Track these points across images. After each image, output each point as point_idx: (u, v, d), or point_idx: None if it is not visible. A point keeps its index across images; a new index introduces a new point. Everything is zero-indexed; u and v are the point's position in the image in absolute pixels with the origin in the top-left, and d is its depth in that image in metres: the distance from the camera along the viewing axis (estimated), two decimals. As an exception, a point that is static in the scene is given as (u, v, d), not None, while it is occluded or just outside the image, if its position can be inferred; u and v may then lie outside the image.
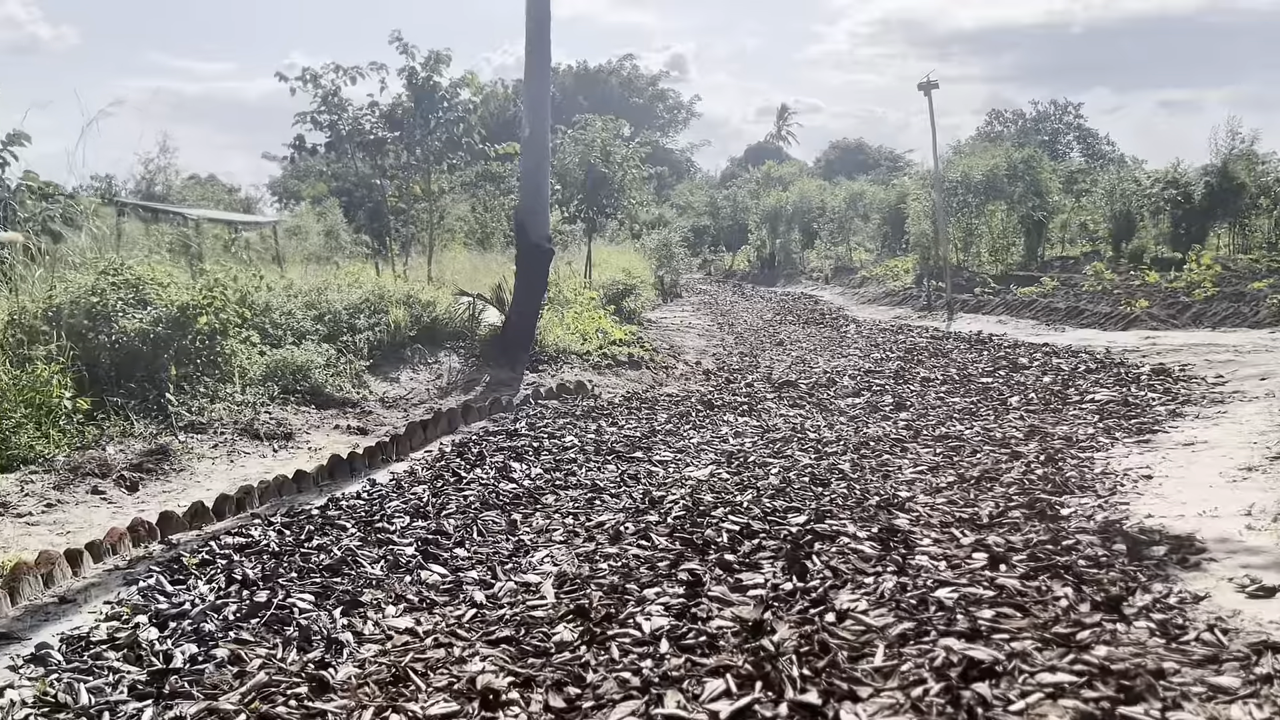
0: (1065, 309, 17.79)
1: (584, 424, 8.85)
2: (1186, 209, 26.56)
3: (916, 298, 22.96)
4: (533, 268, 11.06)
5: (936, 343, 15.50)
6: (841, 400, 10.30)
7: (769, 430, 8.60)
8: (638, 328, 16.79)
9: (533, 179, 11.16)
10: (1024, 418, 8.68)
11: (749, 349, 15.53)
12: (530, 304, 11.08)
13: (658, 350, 13.50)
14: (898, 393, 10.63)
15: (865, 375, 12.13)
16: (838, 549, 4.93)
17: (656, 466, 7.29)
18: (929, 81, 19.92)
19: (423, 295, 11.13)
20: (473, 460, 7.42)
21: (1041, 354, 13.27)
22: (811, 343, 16.33)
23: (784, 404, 10.12)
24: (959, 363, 12.97)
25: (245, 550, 5.28)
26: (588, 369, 11.46)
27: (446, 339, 11.03)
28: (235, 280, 9.67)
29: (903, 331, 17.64)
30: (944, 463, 6.94)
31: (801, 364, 13.52)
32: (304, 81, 16.01)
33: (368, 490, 6.62)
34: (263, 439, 7.86)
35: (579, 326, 12.60)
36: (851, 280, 30.77)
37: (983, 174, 25.09)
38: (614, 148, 18.09)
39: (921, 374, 12.07)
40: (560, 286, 14.72)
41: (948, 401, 9.94)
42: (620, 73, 69.86)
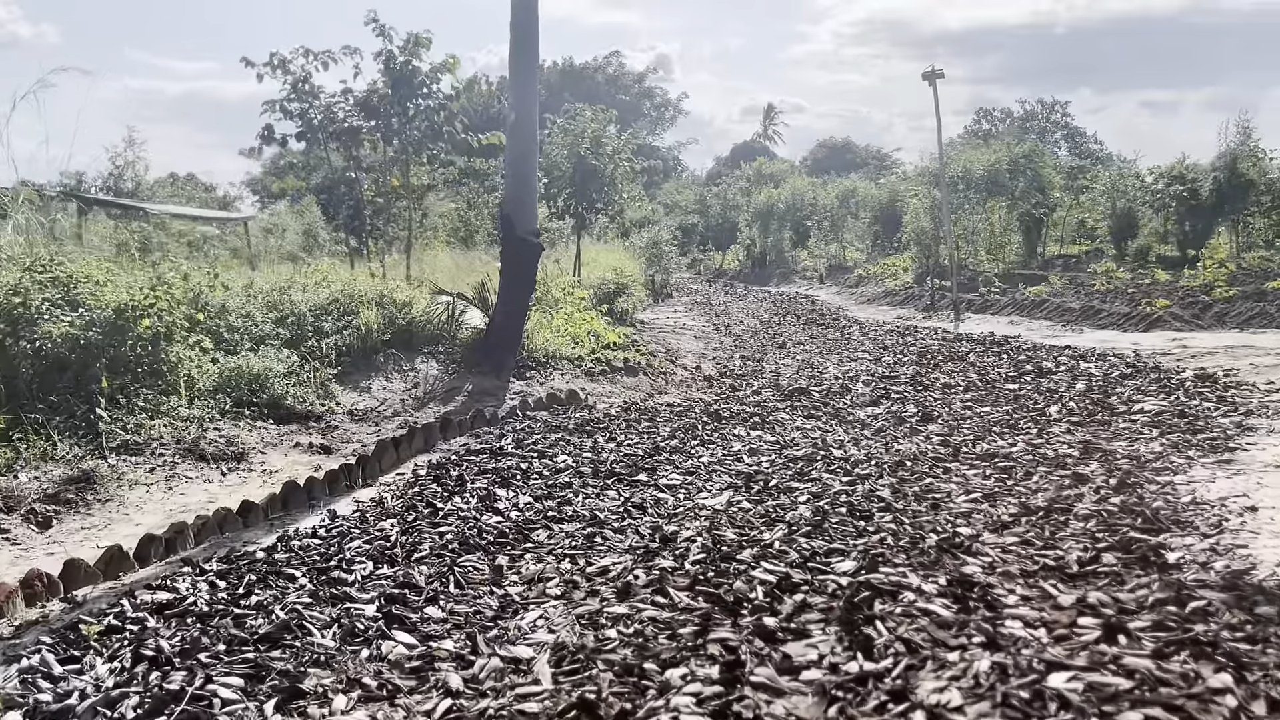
0: (1080, 309, 16.92)
1: (578, 440, 7.86)
2: (1193, 206, 25.77)
3: (918, 297, 22.08)
4: (519, 264, 10.06)
5: (949, 345, 14.58)
6: (860, 410, 9.35)
7: (787, 446, 7.63)
8: (631, 330, 15.81)
9: (519, 168, 10.16)
10: (1071, 431, 7.75)
11: (750, 352, 14.57)
12: (516, 304, 10.08)
13: (654, 354, 12.52)
14: (920, 401, 9.70)
15: (880, 381, 11.19)
16: (903, 610, 3.96)
17: (664, 492, 6.30)
18: (934, 71, 19.03)
19: (397, 295, 10.10)
20: (451, 486, 6.41)
21: (1066, 357, 12.36)
22: (815, 345, 15.39)
23: (798, 415, 9.16)
24: (979, 367, 12.05)
25: (166, 611, 4.26)
26: (580, 375, 10.47)
27: (424, 343, 10.01)
28: (186, 279, 8.61)
29: (910, 333, 16.73)
30: (998, 488, 5.98)
31: (809, 369, 12.57)
32: (272, 67, 14.97)
33: (326, 525, 5.61)
34: (209, 461, 6.83)
35: (569, 329, 11.61)
36: (847, 279, 29.89)
37: (984, 169, 24.25)
38: (605, 139, 17.10)
39: (941, 380, 11.15)
40: (549, 286, 13.72)
41: (978, 412, 9.01)
42: (607, 70, 68.83)
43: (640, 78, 70.74)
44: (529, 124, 10.14)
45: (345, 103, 15.19)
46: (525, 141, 10.16)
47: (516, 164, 10.17)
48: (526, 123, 10.11)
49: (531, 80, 10.18)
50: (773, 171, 43.75)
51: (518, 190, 10.13)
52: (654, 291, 26.19)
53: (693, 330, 17.64)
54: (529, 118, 10.13)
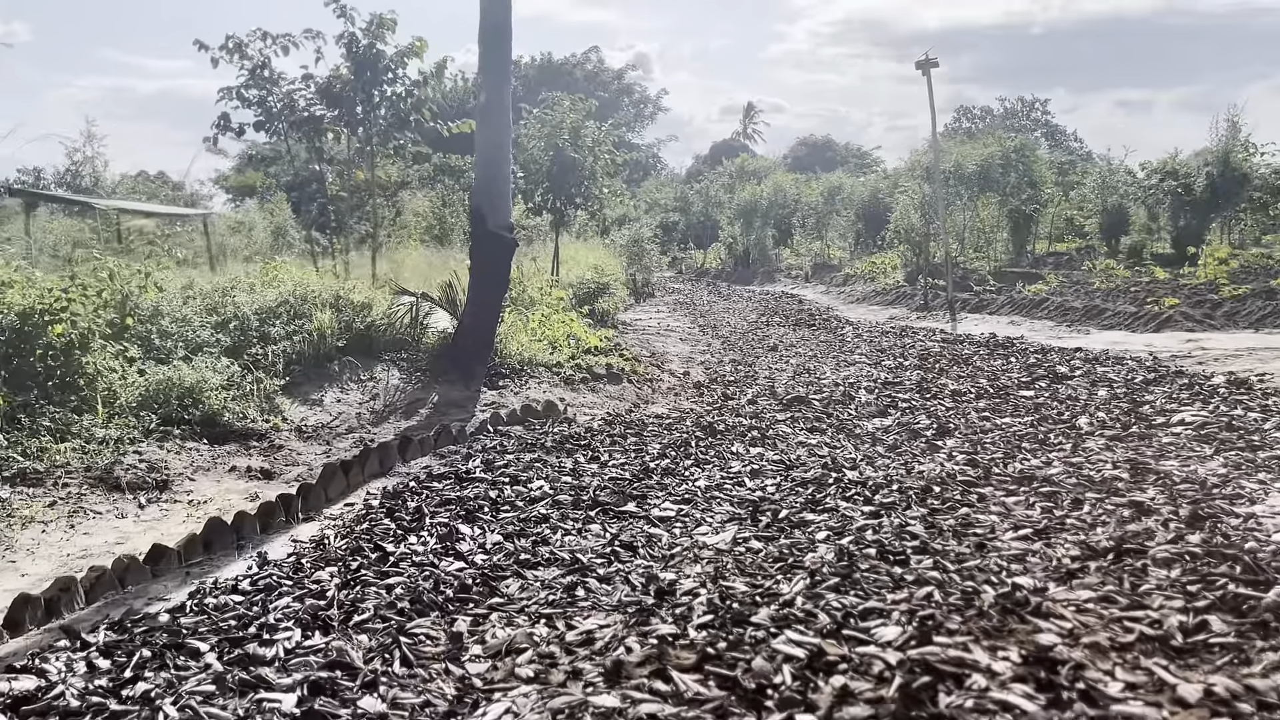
0: (1083, 308, 16.16)
1: (556, 460, 6.93)
2: (1187, 201, 25.18)
3: (911, 297, 21.29)
4: (491, 262, 9.12)
5: (950, 348, 13.76)
6: (868, 422, 8.48)
7: (793, 466, 6.74)
8: (613, 332, 14.89)
9: (491, 154, 9.22)
10: (1111, 448, 6.90)
11: (740, 356, 13.68)
12: (488, 306, 9.14)
13: (639, 359, 11.61)
14: (932, 411, 8.85)
15: (884, 388, 10.33)
16: (975, 702, 3.07)
17: (657, 526, 5.39)
18: (928, 59, 18.22)
19: (354, 296, 9.13)
20: (407, 521, 5.47)
21: (1080, 361, 11.56)
22: (808, 348, 14.52)
23: (800, 427, 8.27)
24: (987, 372, 11.22)
25: (23, 709, 3.30)
26: (558, 384, 9.54)
27: (385, 349, 9.05)
28: (112, 279, 7.61)
29: (906, 334, 15.90)
30: (1050, 522, 5.11)
31: (805, 374, 11.69)
32: (228, 51, 13.92)
33: (253, 575, 4.65)
34: (125, 491, 5.85)
35: (547, 332, 10.67)
36: (834, 278, 29.10)
37: (976, 164, 23.51)
38: (584, 130, 16.16)
39: (950, 386, 10.31)
40: (524, 285, 12.78)
41: (998, 423, 8.16)
42: (585, 66, 67.81)
43: (619, 74, 69.73)
44: (501, 105, 9.20)
45: (307, 90, 14.17)
46: (497, 125, 9.22)
47: (488, 150, 9.22)
48: (498, 104, 9.17)
49: (504, 57, 9.24)
50: (756, 168, 42.89)
51: (489, 179, 9.18)
52: (635, 291, 25.28)
53: (678, 332, 16.74)
54: (501, 99, 9.19)
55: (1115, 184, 29.17)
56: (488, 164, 9.21)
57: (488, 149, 9.22)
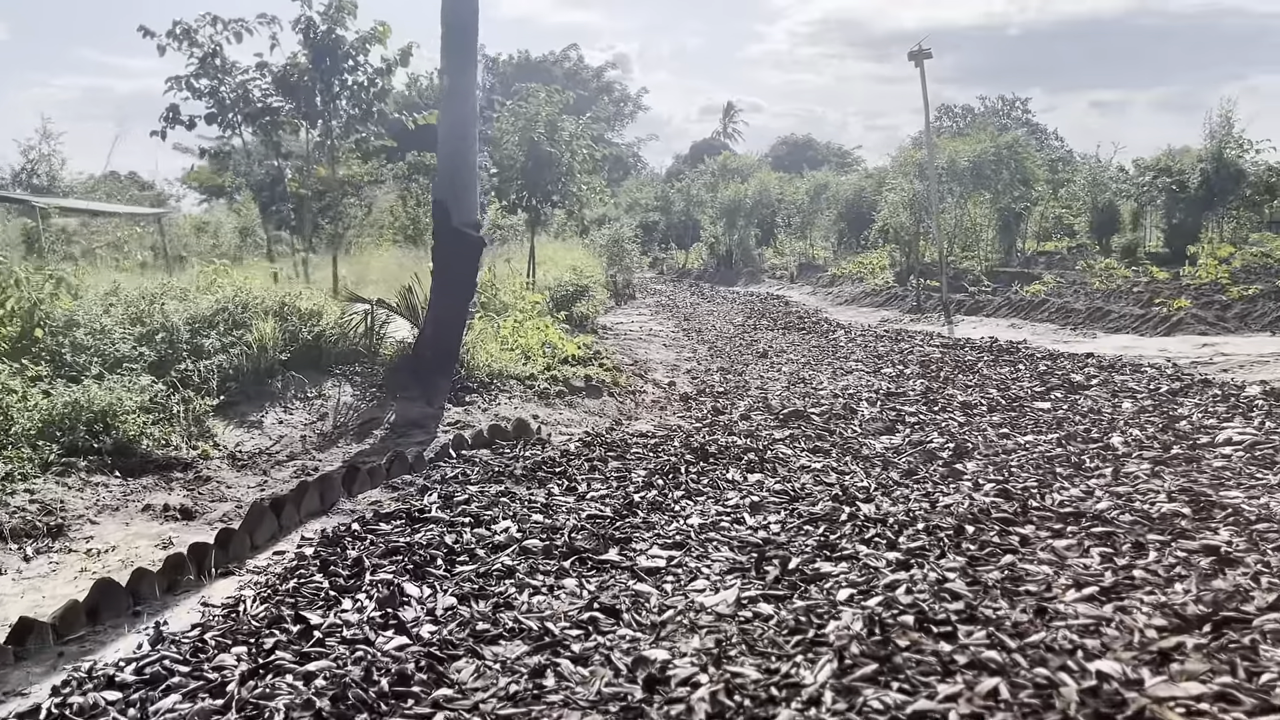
0: (1085, 310, 15.41)
1: (527, 492, 6.03)
2: (1182, 199, 24.56)
3: (902, 298, 20.51)
4: (456, 263, 8.20)
5: (951, 353, 12.95)
6: (875, 440, 7.64)
7: (798, 498, 5.88)
8: (593, 338, 13.99)
9: (455, 145, 8.30)
10: (1158, 474, 6.07)
11: (729, 363, 12.81)
12: (452, 312, 8.22)
13: (620, 369, 10.71)
14: (944, 427, 8.02)
15: (888, 400, 9.50)
16: None
17: (644, 580, 4.51)
18: (920, 50, 17.43)
19: (302, 303, 8.17)
20: (345, 576, 4.55)
21: (1094, 368, 10.77)
22: (800, 354, 13.68)
23: (801, 448, 7.41)
24: (996, 381, 10.42)
25: None
26: (531, 399, 8.63)
27: (337, 362, 8.10)
28: (18, 285, 6.63)
29: (902, 338, 15.09)
30: (1116, 576, 4.25)
31: (800, 384, 10.84)
32: (174, 38, 12.92)
33: (140, 659, 3.73)
34: (7, 539, 4.90)
35: (520, 340, 9.76)
36: (820, 279, 28.31)
37: (969, 160, 22.76)
38: (561, 123, 15.24)
39: (958, 397, 9.49)
40: (496, 289, 11.86)
41: (1020, 442, 7.33)
42: (564, 64, 66.84)
43: (598, 72, 68.76)
44: (465, 90, 8.27)
45: (262, 79, 13.19)
46: (461, 111, 8.30)
47: (451, 139, 8.30)
48: (462, 88, 8.25)
49: (468, 36, 8.31)
50: (738, 166, 42.03)
51: (453, 171, 8.26)
52: (616, 293, 24.40)
53: (661, 337, 15.86)
54: (465, 82, 8.27)
55: (1106, 181, 28.57)
56: (452, 154, 8.28)
57: (451, 138, 8.30)
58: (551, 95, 15.41)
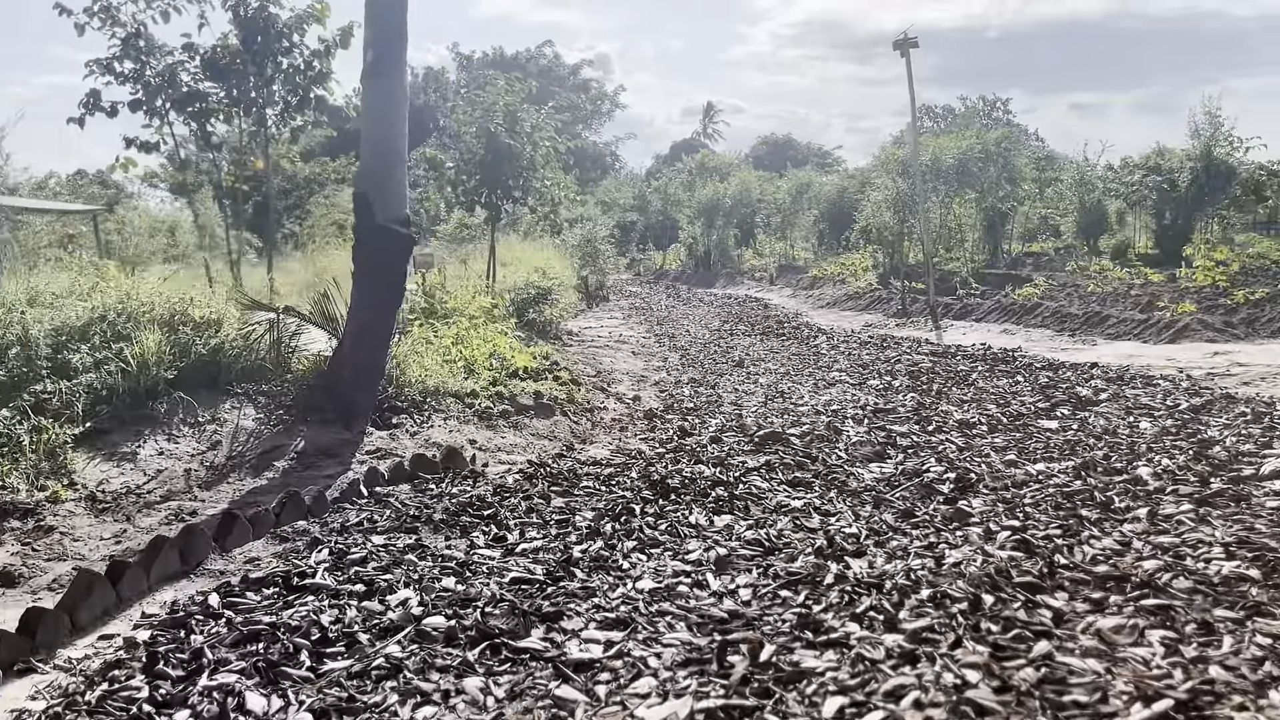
0: (1082, 315, 14.47)
1: (443, 544, 4.94)
2: (1173, 198, 23.76)
3: (886, 301, 19.54)
4: (380, 264, 7.09)
5: (942, 362, 11.96)
6: (863, 469, 6.60)
7: (774, 549, 4.84)
8: (554, 345, 12.91)
9: (381, 129, 7.19)
10: (1204, 518, 5.07)
11: (701, 373, 11.76)
12: (377, 321, 7.11)
13: (579, 382, 9.63)
14: (941, 452, 7.01)
15: (876, 418, 8.48)
16: None
17: (571, 681, 3.45)
18: (906, 39, 16.45)
19: (195, 311, 7.03)
20: (174, 680, 3.45)
21: (1101, 380, 9.80)
22: (779, 362, 12.65)
23: (778, 478, 6.36)
24: (994, 394, 9.42)
25: None
26: (471, 420, 7.53)
27: (239, 380, 6.97)
28: None
29: (887, 345, 14.09)
30: (1191, 679, 3.22)
31: (778, 398, 9.80)
32: (94, 16, 11.74)
33: None
34: None
35: (465, 351, 8.65)
36: (800, 280, 27.34)
37: (955, 157, 21.83)
38: (522, 114, 14.13)
39: (954, 415, 8.49)
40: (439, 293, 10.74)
41: (1030, 472, 6.32)
42: (539, 61, 65.60)
43: (574, 69, 67.58)
44: (393, 65, 7.17)
45: (190, 62, 12.02)
46: (388, 90, 7.19)
47: (377, 122, 7.20)
48: (389, 63, 7.14)
49: (396, 2, 7.19)
50: (718, 164, 40.96)
51: (378, 157, 7.15)
52: (588, 295, 23.33)
53: (630, 344, 14.78)
54: (392, 56, 7.16)
55: (1094, 180, 27.77)
56: (377, 140, 7.18)
57: (377, 121, 7.19)
58: (512, 84, 14.31)
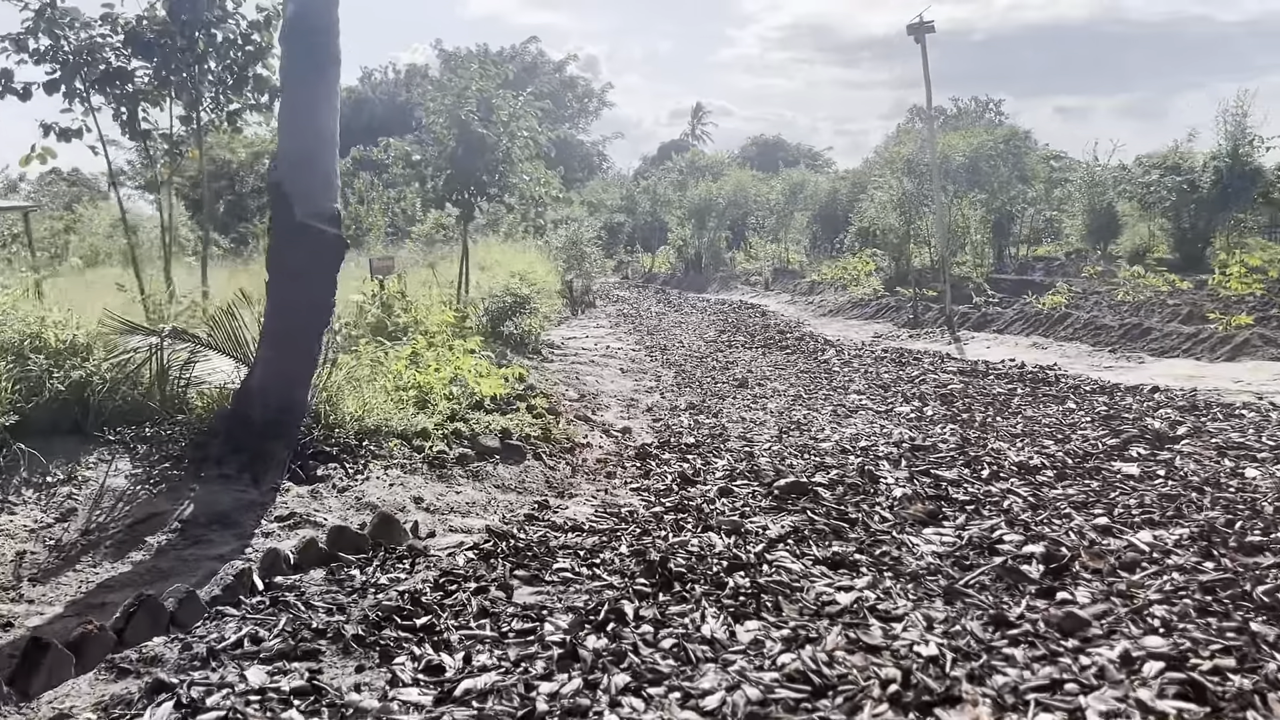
0: (1119, 327, 13.05)
1: (348, 684, 3.43)
2: (1195, 200, 22.42)
3: (896, 309, 18.10)
4: (304, 273, 5.57)
5: (973, 382, 10.51)
6: (917, 537, 5.15)
7: (824, 687, 3.39)
8: (533, 361, 11.41)
9: (302, 98, 5.68)
10: None
11: (700, 395, 10.26)
12: (297, 344, 5.58)
13: (558, 409, 8.12)
14: (1006, 508, 5.61)
15: (916, 457, 7.02)
16: None
17: None
18: (922, 22, 15.02)
19: (50, 335, 5.49)
20: None
21: (1172, 409, 8.36)
22: (787, 381, 11.17)
23: (811, 556, 4.88)
24: (1047, 426, 7.97)
25: None
26: (420, 469, 6.00)
27: (113, 424, 5.44)
28: None
29: (906, 361, 12.63)
30: None
31: (794, 429, 8.31)
32: (0, -18, 10.15)
33: None
34: None
35: (418, 378, 7.12)
36: (798, 285, 25.89)
37: (965, 155, 20.43)
38: (498, 101, 12.61)
39: (1008, 454, 7.03)
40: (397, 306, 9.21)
41: (1135, 543, 4.88)
42: (525, 58, 63.98)
43: (560, 66, 65.94)
44: (320, 23, 5.64)
45: (112, 35, 10.46)
46: (312, 53, 5.67)
47: (299, 89, 5.69)
48: (315, 20, 5.62)
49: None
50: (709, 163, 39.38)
51: (299, 137, 5.63)
52: (573, 301, 21.83)
53: (619, 358, 13.27)
54: (319, 11, 5.64)
55: (1106, 181, 26.45)
56: (298, 113, 5.66)
57: (298, 88, 5.68)
58: (486, 68, 12.78)
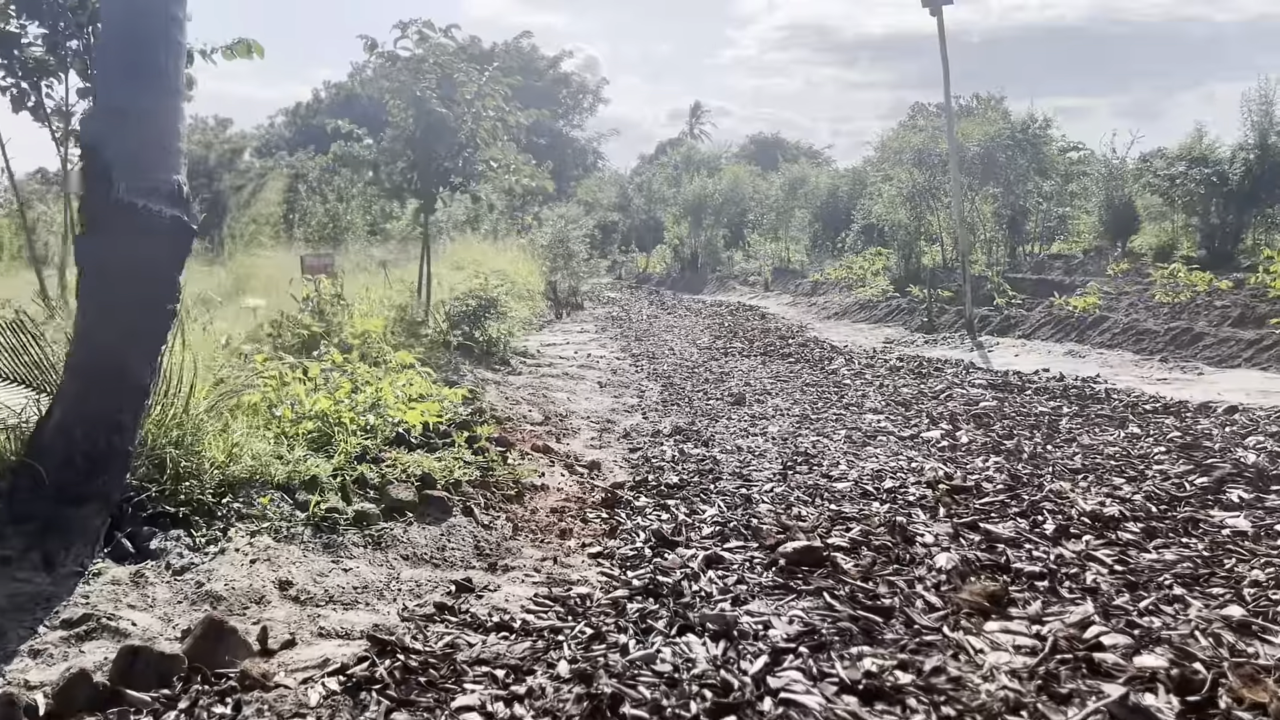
0: (1165, 332, 11.53)
1: None
2: (1224, 193, 20.91)
3: (907, 312, 16.59)
4: (128, 271, 4.05)
5: (1009, 399, 8.99)
6: (978, 638, 3.66)
7: None
8: (497, 374, 9.90)
9: (128, 26, 4.18)
10: None
11: (689, 416, 8.73)
12: (121, 367, 4.05)
13: (513, 436, 6.60)
14: (1097, 592, 4.11)
15: (957, 503, 5.49)
16: None
17: None
18: (939, -7, 13.50)
19: None
20: None
21: (1262, 435, 6.83)
22: (790, 397, 9.65)
23: (837, 683, 3.35)
24: (1112, 458, 6.44)
25: None
26: (299, 535, 4.47)
27: None
28: None
29: (926, 371, 11.10)
30: None
31: (801, 461, 6.77)
32: None
33: None
34: None
35: (322, 405, 5.59)
36: (800, 286, 24.38)
37: (980, 144, 18.93)
38: (460, 75, 11.07)
39: (1072, 498, 5.52)
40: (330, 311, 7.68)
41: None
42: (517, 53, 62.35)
43: (555, 62, 64.34)
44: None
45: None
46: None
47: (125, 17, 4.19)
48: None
49: None
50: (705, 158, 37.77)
51: (126, 81, 4.12)
52: (558, 303, 20.31)
53: (599, 368, 11.75)
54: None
55: (1125, 174, 24.94)
56: (123, 47, 4.15)
57: (121, 25, 4.19)
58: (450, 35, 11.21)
